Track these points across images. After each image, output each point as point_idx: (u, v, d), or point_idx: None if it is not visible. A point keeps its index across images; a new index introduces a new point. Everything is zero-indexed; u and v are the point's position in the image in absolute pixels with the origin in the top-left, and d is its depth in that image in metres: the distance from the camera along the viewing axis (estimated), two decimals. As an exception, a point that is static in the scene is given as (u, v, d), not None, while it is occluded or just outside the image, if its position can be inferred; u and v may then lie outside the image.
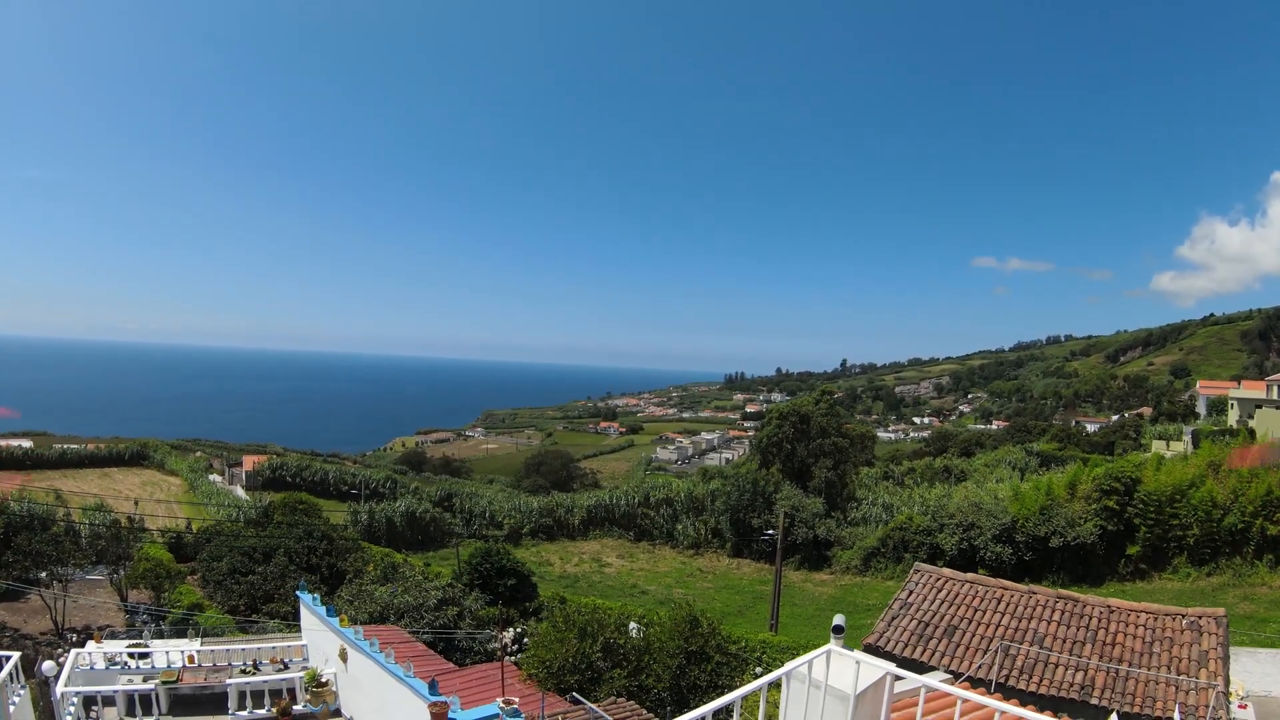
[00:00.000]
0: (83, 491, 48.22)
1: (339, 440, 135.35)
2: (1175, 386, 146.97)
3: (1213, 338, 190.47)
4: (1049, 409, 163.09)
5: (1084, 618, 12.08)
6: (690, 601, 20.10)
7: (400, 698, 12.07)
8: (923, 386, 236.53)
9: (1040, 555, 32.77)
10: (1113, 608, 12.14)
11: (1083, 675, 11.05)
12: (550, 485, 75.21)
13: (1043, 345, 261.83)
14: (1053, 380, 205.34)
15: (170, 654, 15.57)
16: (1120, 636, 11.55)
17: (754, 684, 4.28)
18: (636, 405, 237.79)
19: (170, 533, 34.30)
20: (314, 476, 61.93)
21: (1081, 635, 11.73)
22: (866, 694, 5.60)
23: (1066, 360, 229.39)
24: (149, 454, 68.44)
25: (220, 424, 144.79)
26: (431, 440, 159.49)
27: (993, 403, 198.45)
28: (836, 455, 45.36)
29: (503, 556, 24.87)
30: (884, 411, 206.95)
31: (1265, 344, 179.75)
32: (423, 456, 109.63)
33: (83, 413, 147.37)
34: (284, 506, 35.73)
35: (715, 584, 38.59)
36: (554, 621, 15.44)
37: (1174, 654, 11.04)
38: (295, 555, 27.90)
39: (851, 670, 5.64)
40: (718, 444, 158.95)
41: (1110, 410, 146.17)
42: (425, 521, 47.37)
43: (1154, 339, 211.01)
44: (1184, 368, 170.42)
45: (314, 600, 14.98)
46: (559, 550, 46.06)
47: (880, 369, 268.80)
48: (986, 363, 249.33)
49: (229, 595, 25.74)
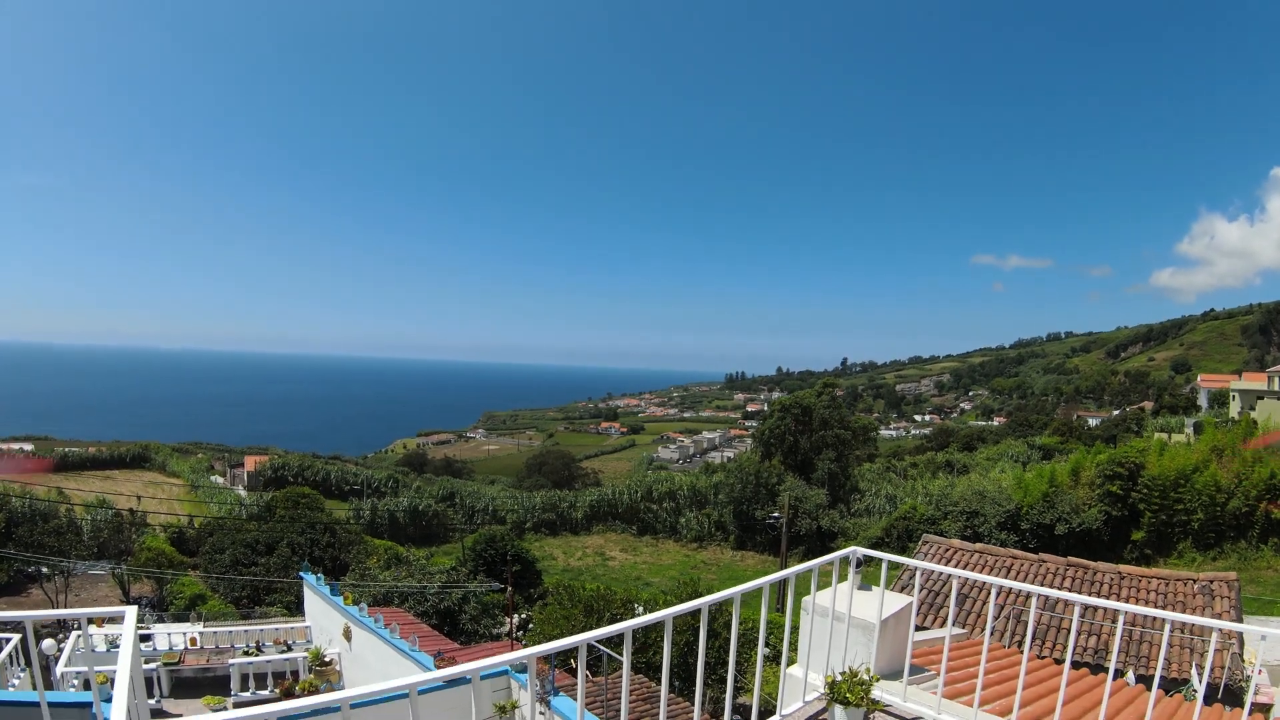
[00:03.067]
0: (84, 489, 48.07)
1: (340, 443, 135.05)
2: (1176, 381, 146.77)
3: (1213, 333, 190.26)
4: (1050, 405, 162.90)
5: (1095, 584, 11.99)
6: (696, 579, 20.00)
7: (405, 673, 11.98)
8: (923, 384, 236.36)
9: (1045, 542, 32.64)
10: (1124, 574, 12.05)
11: (1095, 640, 10.96)
12: (552, 485, 75.05)
13: (1043, 342, 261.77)
14: (1053, 377, 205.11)
15: (172, 636, 15.47)
16: (1132, 601, 11.45)
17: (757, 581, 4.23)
18: (637, 405, 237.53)
19: (173, 528, 34.14)
20: (316, 476, 61.71)
21: (1093, 601, 11.63)
22: (889, 623, 5.50)
23: (1067, 357, 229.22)
24: (150, 456, 68.28)
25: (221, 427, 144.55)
26: (433, 442, 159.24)
27: (994, 399, 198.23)
28: (839, 447, 45.25)
29: (507, 542, 24.75)
30: (885, 409, 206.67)
31: (1266, 338, 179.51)
32: (424, 458, 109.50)
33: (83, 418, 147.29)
34: (287, 500, 35.59)
35: (719, 576, 38.45)
36: (560, 600, 15.33)
37: (1187, 617, 10.93)
38: (298, 548, 27.73)
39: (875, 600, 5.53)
40: (719, 443, 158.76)
41: (1111, 406, 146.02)
42: (428, 517, 47.23)
43: (1154, 335, 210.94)
44: (1185, 363, 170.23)
45: (318, 580, 14.87)
46: (562, 544, 45.92)
47: (881, 367, 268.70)
48: (987, 360, 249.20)
49: (231, 587, 25.59)
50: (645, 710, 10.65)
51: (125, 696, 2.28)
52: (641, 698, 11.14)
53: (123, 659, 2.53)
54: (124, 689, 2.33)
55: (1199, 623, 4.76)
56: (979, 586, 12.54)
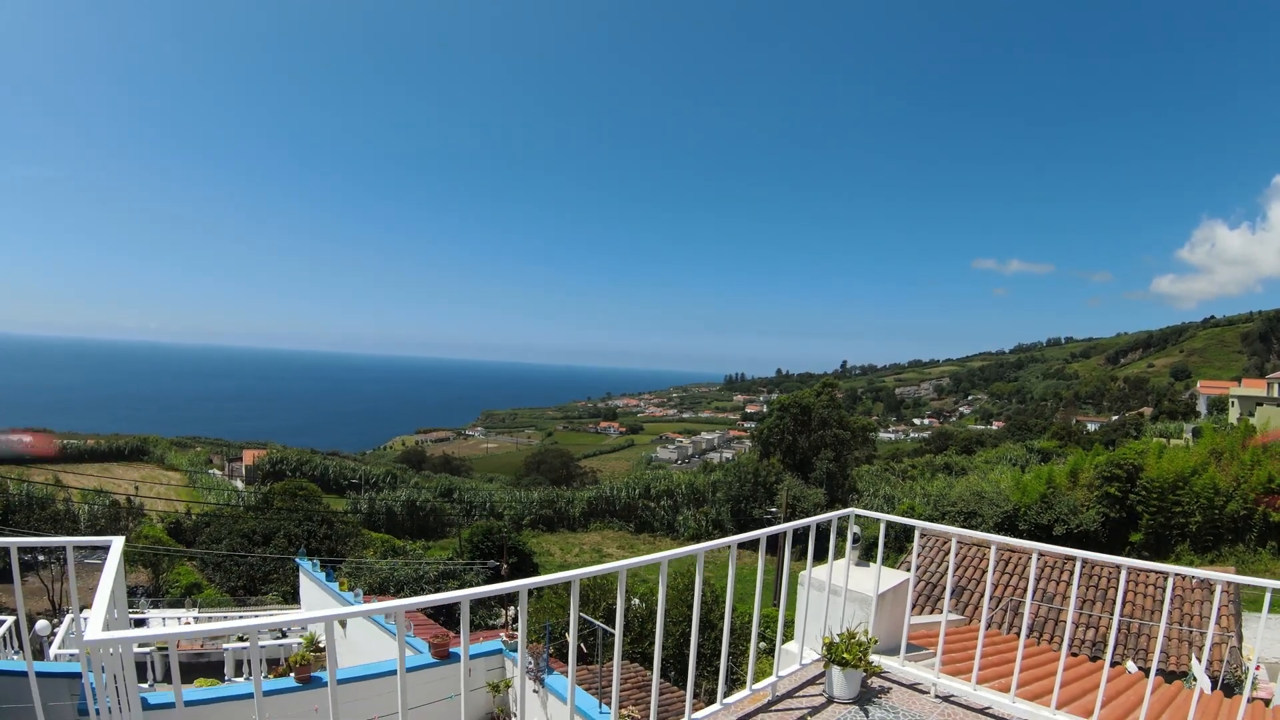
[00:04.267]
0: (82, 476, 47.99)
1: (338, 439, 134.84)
2: (1176, 388, 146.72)
3: (1213, 340, 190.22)
4: (1049, 410, 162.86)
5: (1093, 577, 11.95)
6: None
7: (400, 658, 11.92)
8: (923, 388, 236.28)
9: (1043, 543, 32.61)
10: (1122, 568, 12.00)
11: (1094, 633, 10.91)
12: (550, 483, 75.02)
13: (1043, 347, 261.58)
14: (1053, 382, 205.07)
15: (166, 622, 15.44)
16: (1131, 595, 11.41)
17: (756, 532, 4.19)
18: (636, 405, 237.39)
19: (170, 517, 34.09)
20: (314, 471, 61.66)
21: (1091, 595, 11.59)
22: (887, 597, 5.46)
23: (1067, 362, 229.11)
24: (149, 449, 68.26)
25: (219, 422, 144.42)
26: (431, 439, 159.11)
27: (993, 404, 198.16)
28: (838, 447, 45.22)
29: (504, 534, 24.70)
30: (884, 412, 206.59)
31: (1266, 346, 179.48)
32: (422, 455, 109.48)
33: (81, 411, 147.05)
34: (284, 492, 35.51)
35: (717, 574, 38.30)
36: (555, 589, 15.27)
37: (1185, 611, 10.90)
38: (295, 539, 27.72)
39: (872, 575, 5.50)
40: (718, 444, 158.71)
41: (1110, 411, 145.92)
42: (426, 511, 47.20)
43: (1154, 341, 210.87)
44: (1184, 369, 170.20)
45: (313, 566, 14.83)
46: (559, 541, 45.87)
47: (880, 370, 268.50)
48: (986, 364, 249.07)
49: (228, 577, 25.58)
50: (639, 696, 10.59)
51: (104, 610, 2.25)
52: (636, 685, 11.09)
53: (105, 578, 2.50)
54: (103, 602, 2.31)
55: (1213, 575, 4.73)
56: (975, 579, 12.51)
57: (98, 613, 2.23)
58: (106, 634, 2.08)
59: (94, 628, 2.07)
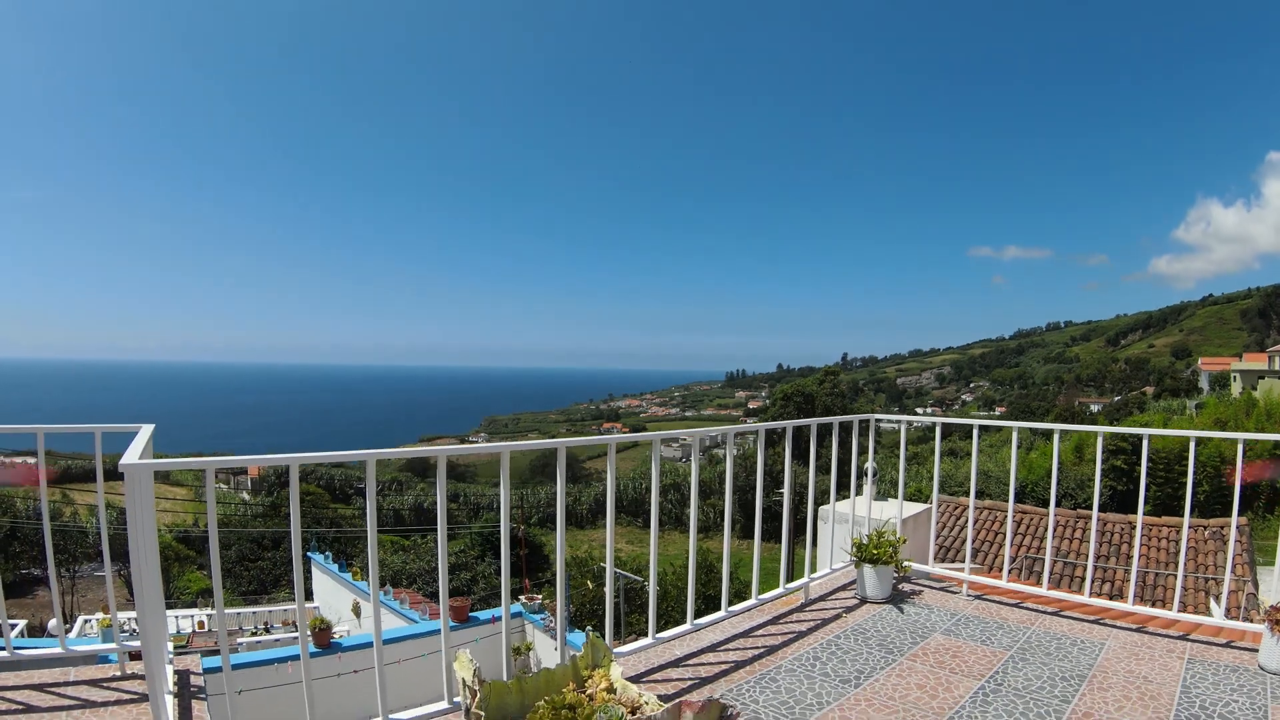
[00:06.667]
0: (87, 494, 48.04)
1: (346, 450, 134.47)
2: (1177, 366, 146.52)
3: (1212, 318, 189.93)
4: (1051, 394, 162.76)
5: (1106, 534, 11.96)
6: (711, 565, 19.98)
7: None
8: (924, 377, 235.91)
9: (1052, 519, 32.66)
10: (1134, 523, 12.01)
11: (1110, 586, 10.92)
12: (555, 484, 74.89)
13: (1043, 332, 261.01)
14: (1054, 366, 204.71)
15: (180, 620, 15.44)
16: (1145, 549, 11.43)
17: (752, 424, 4.21)
18: (639, 406, 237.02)
19: (179, 528, 34.08)
20: (321, 480, 61.66)
21: (1105, 550, 11.59)
22: (909, 524, 5.49)
23: (1067, 346, 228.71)
24: (152, 464, 68.29)
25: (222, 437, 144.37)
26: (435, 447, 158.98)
27: (995, 390, 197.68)
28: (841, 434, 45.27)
29: (515, 527, 24.70)
30: (886, 403, 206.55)
31: (1265, 321, 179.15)
32: (426, 462, 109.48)
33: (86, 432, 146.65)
34: (290, 499, 35.49)
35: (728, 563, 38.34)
36: (569, 572, 15.30)
37: (1200, 561, 10.91)
38: (305, 540, 27.71)
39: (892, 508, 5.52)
40: (721, 440, 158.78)
41: (1113, 393, 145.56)
42: (433, 514, 47.22)
43: (1154, 321, 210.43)
44: (1185, 348, 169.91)
45: (325, 559, 14.84)
46: (568, 538, 45.82)
47: (881, 361, 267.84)
48: (987, 351, 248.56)
49: (238, 582, 25.59)
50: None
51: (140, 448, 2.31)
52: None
53: (135, 443, 2.55)
54: (138, 447, 2.34)
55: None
56: (989, 541, 12.51)
57: (133, 449, 2.36)
58: (140, 460, 2.30)
59: (130, 457, 2.23)
